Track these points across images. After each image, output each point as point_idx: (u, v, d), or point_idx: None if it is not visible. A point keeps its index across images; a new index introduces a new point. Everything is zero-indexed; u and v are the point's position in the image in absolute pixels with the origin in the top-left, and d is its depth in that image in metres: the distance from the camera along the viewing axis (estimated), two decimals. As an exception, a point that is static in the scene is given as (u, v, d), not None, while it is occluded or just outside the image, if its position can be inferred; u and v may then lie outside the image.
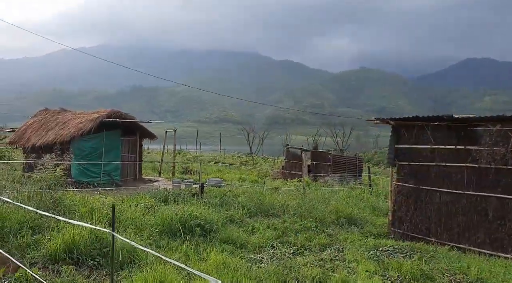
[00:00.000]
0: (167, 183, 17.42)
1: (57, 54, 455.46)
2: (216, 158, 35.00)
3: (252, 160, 35.92)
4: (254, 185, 17.74)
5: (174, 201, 10.21)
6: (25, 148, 16.32)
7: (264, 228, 8.31)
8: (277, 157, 53.31)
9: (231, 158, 40.48)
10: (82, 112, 17.11)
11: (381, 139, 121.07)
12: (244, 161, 34.92)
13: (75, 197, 9.43)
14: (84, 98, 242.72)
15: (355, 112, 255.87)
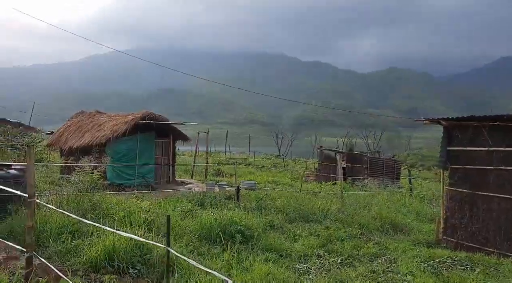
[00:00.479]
0: (200, 185, 17.24)
1: (88, 60, 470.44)
2: (247, 160, 34.76)
3: (283, 162, 35.47)
4: (288, 188, 17.33)
5: (211, 205, 9.94)
6: (62, 150, 16.55)
7: (307, 235, 7.90)
8: (307, 159, 52.58)
9: (261, 159, 40.15)
10: (116, 114, 17.20)
11: (413, 140, 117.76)
12: (274, 163, 34.52)
13: (112, 200, 9.33)
14: (114, 100, 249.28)
15: (385, 113, 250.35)
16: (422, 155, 70.99)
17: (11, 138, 20.56)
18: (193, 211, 8.89)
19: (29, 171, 4.03)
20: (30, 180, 4.03)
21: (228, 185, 16.13)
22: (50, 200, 8.41)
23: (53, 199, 8.43)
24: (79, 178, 9.86)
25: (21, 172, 8.09)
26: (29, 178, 4.03)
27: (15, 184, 7.82)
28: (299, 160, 42.50)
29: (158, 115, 16.64)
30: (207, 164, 20.59)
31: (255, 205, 10.38)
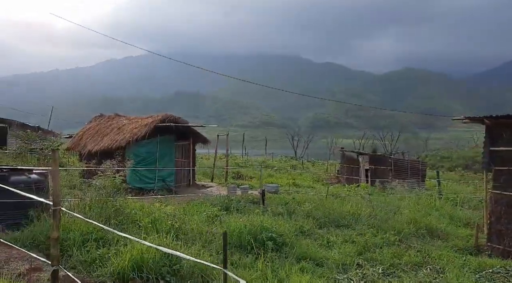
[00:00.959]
0: (221, 189, 16.88)
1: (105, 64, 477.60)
2: (265, 162, 34.31)
3: (302, 164, 34.94)
4: (311, 191, 16.83)
5: (237, 210, 9.55)
6: (82, 154, 16.41)
7: (341, 242, 7.42)
8: (323, 161, 51.76)
9: (279, 162, 39.66)
10: (136, 117, 17.00)
11: (431, 141, 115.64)
12: (293, 165, 33.99)
13: (135, 205, 9.02)
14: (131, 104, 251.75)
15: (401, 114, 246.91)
16: (441, 156, 69.42)
17: (31, 142, 20.58)
18: (219, 216, 8.49)
19: (54, 177, 3.68)
20: (55, 187, 3.69)
21: (250, 188, 15.71)
22: (72, 205, 8.15)
23: (75, 205, 8.17)
24: (101, 182, 9.58)
25: (42, 177, 7.85)
26: (54, 184, 3.69)
27: (36, 189, 7.58)
28: (317, 162, 41.83)
29: (178, 117, 16.37)
30: (227, 167, 20.21)
31: (282, 210, 9.95)
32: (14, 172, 7.53)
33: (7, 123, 25.48)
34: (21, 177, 7.49)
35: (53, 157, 3.82)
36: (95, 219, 7.48)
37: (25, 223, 6.97)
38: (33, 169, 7.92)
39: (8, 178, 7.33)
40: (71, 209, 8.01)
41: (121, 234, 4.41)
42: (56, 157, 3.81)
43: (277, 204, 11.36)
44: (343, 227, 8.95)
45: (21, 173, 7.60)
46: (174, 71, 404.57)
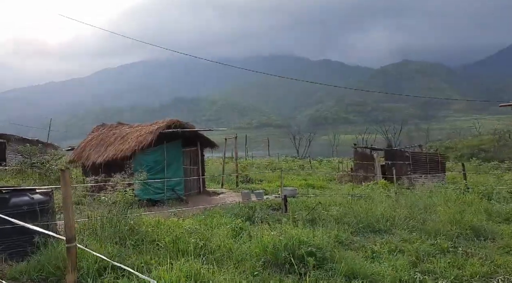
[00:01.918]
0: (233, 195, 16.07)
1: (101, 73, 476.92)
2: (272, 164, 33.46)
3: (310, 163, 34.11)
4: (328, 192, 16.00)
5: (261, 220, 8.72)
6: (85, 166, 15.57)
7: (387, 252, 6.58)
8: (327, 159, 50.85)
9: (285, 162, 38.80)
10: (139, 125, 16.19)
11: (433, 132, 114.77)
12: (300, 165, 33.16)
13: (149, 220, 8.20)
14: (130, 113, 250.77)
15: (401, 107, 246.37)
16: (445, 146, 68.50)
17: (31, 157, 19.78)
18: (245, 229, 7.65)
19: (65, 205, 2.85)
20: (69, 218, 2.84)
21: (265, 193, 14.85)
22: (82, 225, 7.32)
23: (84, 225, 7.34)
24: (111, 197, 8.77)
25: (46, 197, 7.02)
26: (67, 214, 2.85)
27: (41, 212, 6.77)
28: (323, 160, 40.93)
29: (185, 122, 15.57)
30: (238, 173, 19.37)
31: (308, 216, 9.11)
32: (15, 192, 6.70)
33: (5, 138, 24.68)
34: (23, 198, 6.66)
35: (62, 179, 2.96)
36: (109, 240, 6.69)
37: (31, 250, 6.14)
38: (35, 189, 7.08)
39: (9, 200, 6.50)
40: (81, 230, 7.21)
41: (145, 277, 3.56)
42: (67, 179, 2.96)
43: (300, 209, 10.54)
44: (380, 232, 8.12)
45: (23, 193, 6.76)
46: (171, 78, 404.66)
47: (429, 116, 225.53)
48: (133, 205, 8.81)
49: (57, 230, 7.01)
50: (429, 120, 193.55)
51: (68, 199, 2.87)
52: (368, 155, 20.25)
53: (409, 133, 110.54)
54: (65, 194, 2.89)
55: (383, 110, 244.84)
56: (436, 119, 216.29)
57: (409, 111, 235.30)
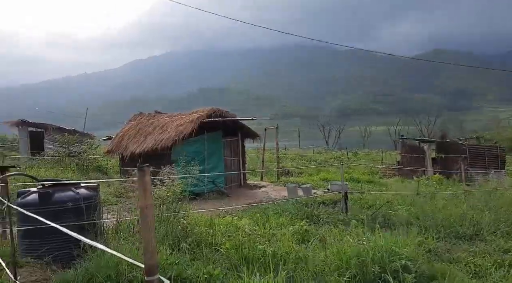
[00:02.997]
0: (277, 189, 15.15)
1: (131, 64, 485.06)
2: (307, 156, 32.37)
3: (347, 156, 32.72)
4: (379, 187, 14.84)
5: (324, 221, 7.75)
6: (124, 156, 15.00)
7: (493, 266, 5.47)
8: (363, 150, 48.93)
9: (319, 154, 37.56)
10: (178, 114, 15.45)
11: (467, 123, 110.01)
12: (337, 157, 31.84)
13: (201, 218, 7.38)
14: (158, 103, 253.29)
15: (431, 97, 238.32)
16: (484, 139, 64.83)
17: (69, 146, 19.49)
18: (314, 233, 6.68)
19: (145, 223, 1.91)
20: (150, 242, 1.91)
21: (313, 187, 13.80)
22: (130, 223, 6.57)
23: (134, 223, 6.58)
24: (158, 192, 8.01)
25: (92, 192, 6.27)
26: (147, 236, 1.91)
27: (87, 209, 6.04)
28: (358, 152, 39.25)
29: (226, 111, 14.71)
30: (280, 167, 18.40)
31: (372, 217, 8.05)
32: (58, 187, 5.98)
33: (43, 127, 24.62)
34: (67, 194, 5.92)
35: (141, 181, 1.98)
36: (162, 242, 5.89)
37: (78, 254, 5.42)
38: (80, 183, 6.35)
39: (52, 195, 5.78)
40: (130, 228, 6.45)
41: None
42: (146, 182, 2.00)
43: (360, 208, 9.50)
44: (465, 238, 6.99)
45: (67, 188, 6.03)
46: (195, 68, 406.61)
47: (461, 107, 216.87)
48: (182, 201, 8.04)
49: (103, 229, 6.27)
50: (462, 111, 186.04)
51: (149, 211, 1.97)
52: (417, 148, 18.84)
53: (444, 124, 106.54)
54: (145, 203, 1.99)
55: (413, 101, 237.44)
56: (469, 110, 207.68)
57: (440, 101, 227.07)
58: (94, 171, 18.21)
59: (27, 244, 5.82)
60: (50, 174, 14.77)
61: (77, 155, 18.60)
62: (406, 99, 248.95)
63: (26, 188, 6.36)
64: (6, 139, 32.55)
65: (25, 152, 23.76)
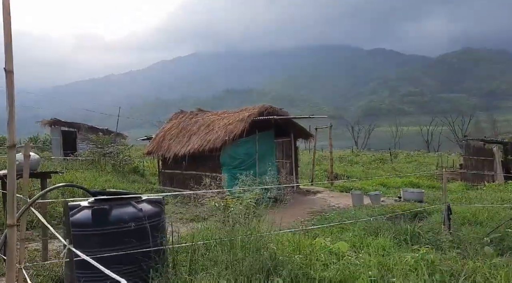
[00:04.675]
0: (335, 195, 13.55)
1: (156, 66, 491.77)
2: (345, 157, 30.58)
3: (390, 157, 30.74)
4: (451, 195, 13.00)
5: (424, 242, 6.14)
6: (166, 158, 13.74)
7: None
8: (389, 151, 46.30)
9: (355, 155, 35.58)
10: (224, 112, 14.09)
11: (499, 124, 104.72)
12: (380, 159, 29.92)
13: (279, 238, 5.92)
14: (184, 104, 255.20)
15: (461, 97, 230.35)
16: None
17: (103, 146, 18.51)
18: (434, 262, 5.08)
19: None
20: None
21: (381, 194, 12.12)
22: (199, 248, 5.16)
23: (204, 248, 5.16)
24: (219, 203, 6.60)
25: (157, 208, 4.89)
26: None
27: (151, 229, 4.67)
28: (400, 152, 36.98)
29: (278, 108, 13.22)
30: (336, 173, 16.75)
31: (489, 240, 6.36)
32: (115, 202, 4.62)
33: (75, 126, 23.88)
34: (128, 210, 4.55)
35: None
36: (248, 278, 4.45)
37: (147, 277, 4.06)
38: (141, 196, 4.96)
39: (109, 212, 4.42)
40: (203, 253, 5.04)
41: None
42: None
43: (459, 224, 7.83)
44: None
45: (126, 202, 4.67)
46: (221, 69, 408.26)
47: (493, 107, 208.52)
48: (256, 215, 6.60)
49: (166, 257, 4.85)
50: (493, 111, 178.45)
51: None
52: (485, 150, 16.87)
53: (477, 124, 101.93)
54: None
55: (441, 101, 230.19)
56: (501, 110, 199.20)
57: (470, 101, 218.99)
58: (131, 173, 17.10)
59: (76, 275, 4.50)
60: (86, 176, 13.69)
61: (113, 156, 17.55)
62: (434, 99, 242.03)
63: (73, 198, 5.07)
64: (38, 139, 32.19)
65: (58, 152, 23.05)
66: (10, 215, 2.84)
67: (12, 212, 2.85)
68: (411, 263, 5.04)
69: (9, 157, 2.80)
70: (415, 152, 46.32)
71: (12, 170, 2.77)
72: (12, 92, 2.60)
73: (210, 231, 6.14)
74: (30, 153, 5.87)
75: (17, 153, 5.74)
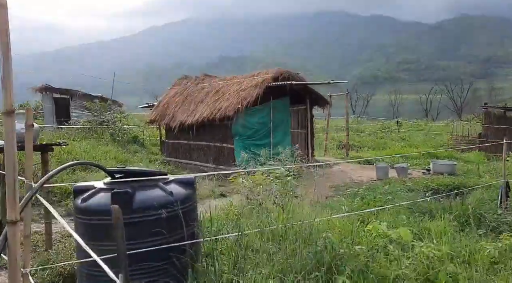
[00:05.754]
0: (354, 167, 12.69)
1: (147, 32, 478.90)
2: (353, 126, 29.61)
3: (397, 125, 29.89)
4: (481, 166, 12.20)
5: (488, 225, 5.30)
6: (171, 127, 12.69)
7: None
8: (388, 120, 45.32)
9: (357, 123, 34.64)
10: (233, 77, 12.94)
11: (495, 92, 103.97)
12: (385, 128, 29.08)
13: (324, 223, 5.02)
14: (177, 71, 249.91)
15: (457, 65, 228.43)
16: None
17: (100, 114, 17.34)
18: None
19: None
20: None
21: (405, 166, 11.22)
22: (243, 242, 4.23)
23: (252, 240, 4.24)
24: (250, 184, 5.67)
25: (188, 189, 3.90)
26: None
27: (183, 216, 3.73)
28: (404, 121, 35.93)
29: (295, 73, 12.11)
30: (342, 141, 15.80)
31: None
32: (139, 182, 3.62)
33: (69, 93, 22.49)
34: (156, 193, 3.53)
35: None
36: (303, 275, 3.58)
37: (181, 276, 3.19)
38: (167, 174, 3.96)
39: (133, 197, 3.42)
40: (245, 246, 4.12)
41: None
42: None
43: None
44: None
45: (152, 183, 3.67)
46: (214, 36, 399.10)
47: (489, 74, 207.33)
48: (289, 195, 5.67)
49: (201, 246, 3.93)
50: (489, 79, 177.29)
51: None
52: (506, 117, 16.00)
53: (476, 92, 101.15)
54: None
55: (438, 68, 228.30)
56: (497, 77, 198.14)
57: (466, 69, 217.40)
58: (131, 143, 16.04)
59: (93, 274, 3.55)
60: (85, 147, 12.60)
61: (110, 124, 16.42)
62: (431, 66, 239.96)
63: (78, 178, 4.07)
64: (29, 106, 30.75)
65: (50, 120, 21.84)
66: (11, 207, 1.89)
67: (13, 203, 1.89)
68: (495, 255, 4.19)
69: (6, 127, 1.82)
70: (417, 120, 45.53)
71: (11, 146, 1.81)
72: (7, 30, 1.69)
73: (244, 214, 5.19)
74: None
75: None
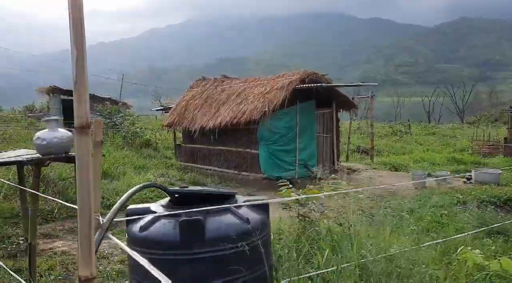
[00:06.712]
0: (382, 173, 12.07)
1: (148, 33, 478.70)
2: (360, 129, 29.08)
3: (408, 129, 29.31)
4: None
5: None
6: (190, 131, 12.05)
7: None
8: (389, 122, 44.51)
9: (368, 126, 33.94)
10: (256, 79, 12.31)
11: (496, 94, 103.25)
12: (395, 131, 28.45)
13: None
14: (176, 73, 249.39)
15: (455, 68, 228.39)
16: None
17: (111, 117, 16.72)
18: None
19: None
20: None
21: (445, 174, 10.58)
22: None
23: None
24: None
25: (262, 214, 3.22)
26: None
27: (264, 248, 3.07)
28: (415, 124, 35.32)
29: (322, 75, 11.48)
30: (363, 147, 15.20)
31: None
32: (207, 206, 2.95)
33: (76, 95, 21.85)
34: (228, 219, 2.80)
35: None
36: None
37: None
38: (235, 194, 3.30)
39: (203, 226, 2.72)
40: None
41: None
42: None
43: None
44: None
45: (223, 209, 3.01)
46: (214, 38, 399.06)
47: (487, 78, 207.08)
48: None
49: None
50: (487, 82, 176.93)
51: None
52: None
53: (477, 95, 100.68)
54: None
55: (436, 71, 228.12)
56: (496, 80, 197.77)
57: (464, 72, 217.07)
58: (144, 147, 15.41)
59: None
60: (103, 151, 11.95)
61: (122, 127, 15.79)
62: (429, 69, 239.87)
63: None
64: (34, 107, 30.11)
65: (57, 123, 21.21)
66: (86, 263, 1.23)
67: (89, 258, 1.24)
68: None
69: (80, 147, 1.19)
70: (421, 123, 44.99)
71: (86, 174, 1.16)
72: (82, 18, 1.16)
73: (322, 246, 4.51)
74: (59, 128, 4.17)
75: (44, 130, 4.02)
